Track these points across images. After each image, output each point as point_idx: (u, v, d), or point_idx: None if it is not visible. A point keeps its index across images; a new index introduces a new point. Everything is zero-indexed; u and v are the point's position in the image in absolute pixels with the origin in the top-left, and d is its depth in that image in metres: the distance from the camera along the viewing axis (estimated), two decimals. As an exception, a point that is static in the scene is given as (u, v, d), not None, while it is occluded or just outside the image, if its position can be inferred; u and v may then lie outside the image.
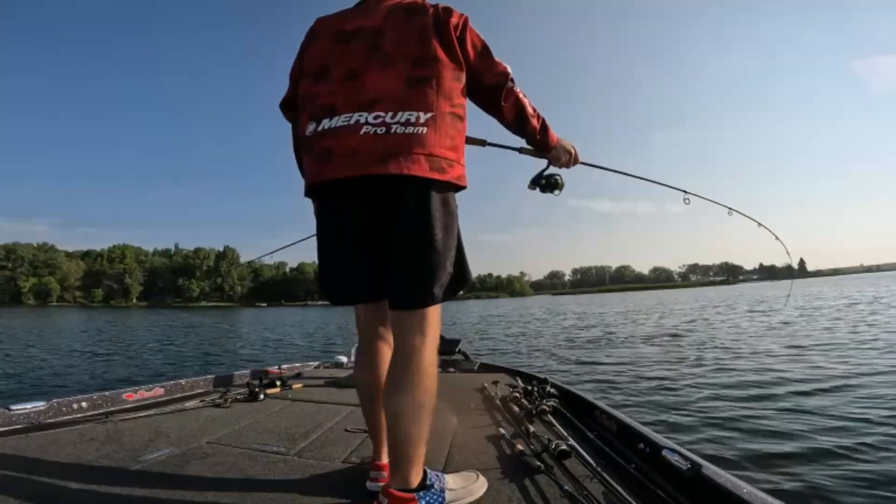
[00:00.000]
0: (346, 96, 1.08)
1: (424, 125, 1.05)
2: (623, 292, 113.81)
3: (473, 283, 19.90)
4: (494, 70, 1.18)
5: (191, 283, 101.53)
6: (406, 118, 1.05)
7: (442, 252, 1.07)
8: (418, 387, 1.04)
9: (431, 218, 1.05)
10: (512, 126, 1.27)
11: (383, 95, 1.07)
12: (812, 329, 9.53)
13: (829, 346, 7.00)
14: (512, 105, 1.21)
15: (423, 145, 1.04)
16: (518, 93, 1.21)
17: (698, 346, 8.10)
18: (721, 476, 1.10)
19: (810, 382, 4.71)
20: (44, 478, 1.29)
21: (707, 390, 4.67)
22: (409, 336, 1.07)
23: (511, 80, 1.20)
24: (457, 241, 1.14)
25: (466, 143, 1.28)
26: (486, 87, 1.20)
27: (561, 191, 1.42)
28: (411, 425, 1.04)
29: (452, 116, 1.10)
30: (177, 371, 7.46)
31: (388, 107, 1.05)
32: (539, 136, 1.30)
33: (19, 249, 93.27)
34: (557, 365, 6.91)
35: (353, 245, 1.12)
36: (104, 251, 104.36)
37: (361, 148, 1.04)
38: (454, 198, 1.14)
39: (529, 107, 1.25)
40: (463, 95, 1.16)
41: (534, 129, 1.27)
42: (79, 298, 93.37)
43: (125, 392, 2.28)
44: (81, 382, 6.30)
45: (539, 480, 1.28)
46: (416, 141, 1.04)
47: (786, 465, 2.66)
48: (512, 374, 2.88)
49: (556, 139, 1.33)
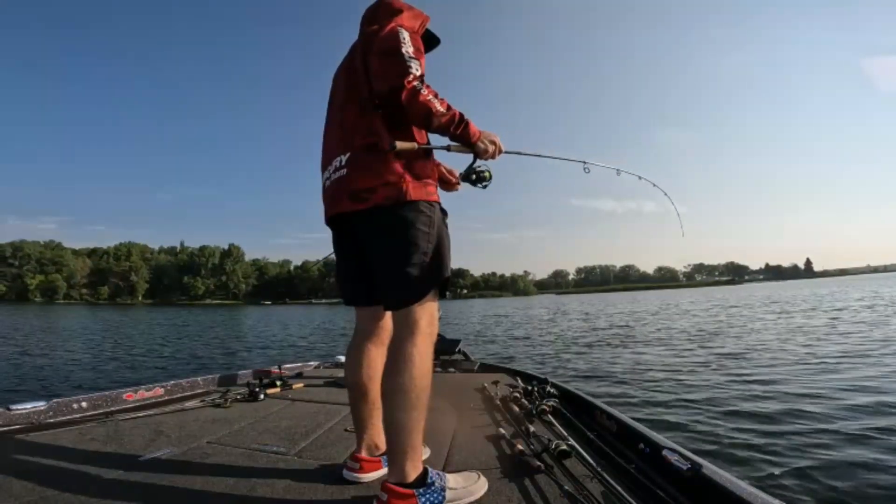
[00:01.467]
0: (325, 149, 1.35)
1: (345, 166, 1.24)
2: (627, 292, 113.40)
3: (477, 282, 19.85)
4: (391, 72, 1.16)
5: (196, 281, 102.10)
6: (336, 164, 1.27)
7: (399, 263, 1.18)
8: (403, 373, 1.12)
9: (381, 237, 1.22)
10: (423, 126, 1.25)
11: (332, 147, 1.32)
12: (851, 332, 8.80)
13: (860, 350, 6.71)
14: (417, 108, 1.16)
15: (347, 185, 1.23)
16: (423, 93, 1.15)
17: (733, 352, 7.20)
18: (721, 476, 1.10)
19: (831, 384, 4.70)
20: (44, 478, 1.29)
21: (723, 391, 4.66)
22: (399, 329, 1.19)
23: (414, 79, 1.15)
24: (430, 245, 1.21)
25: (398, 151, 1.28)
26: (385, 93, 1.18)
27: (489, 182, 1.46)
28: (397, 410, 1.11)
29: (365, 148, 1.22)
30: (178, 370, 7.47)
31: (333, 156, 1.30)
32: (457, 132, 1.25)
33: (26, 247, 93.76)
34: (584, 384, 5.53)
35: (350, 264, 1.37)
36: (110, 249, 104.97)
37: (325, 196, 1.33)
38: (409, 211, 1.19)
39: (438, 105, 1.19)
40: (376, 120, 1.22)
41: (447, 125, 1.22)
42: (85, 296, 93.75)
43: (125, 392, 2.28)
44: (81, 382, 6.30)
45: (539, 480, 1.29)
46: (342, 183, 1.24)
47: (786, 466, 2.66)
48: (512, 374, 2.88)
49: (477, 133, 1.29)
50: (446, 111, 1.22)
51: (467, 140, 1.31)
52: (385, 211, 1.19)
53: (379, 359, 1.33)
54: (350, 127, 1.26)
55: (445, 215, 1.31)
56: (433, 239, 1.22)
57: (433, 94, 1.19)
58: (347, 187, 1.22)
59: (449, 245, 1.28)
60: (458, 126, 1.26)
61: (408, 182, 1.20)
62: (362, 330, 1.38)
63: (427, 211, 1.22)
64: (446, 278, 1.23)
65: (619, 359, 7.24)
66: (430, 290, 1.20)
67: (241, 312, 40.58)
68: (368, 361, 1.34)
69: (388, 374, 1.15)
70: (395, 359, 1.15)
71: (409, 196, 1.19)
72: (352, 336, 1.41)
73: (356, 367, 1.35)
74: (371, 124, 1.22)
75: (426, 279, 1.19)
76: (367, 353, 1.35)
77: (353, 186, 1.22)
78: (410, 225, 1.19)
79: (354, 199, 1.21)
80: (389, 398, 1.12)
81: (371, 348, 1.36)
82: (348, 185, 1.22)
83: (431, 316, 1.20)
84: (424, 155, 1.27)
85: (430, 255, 1.20)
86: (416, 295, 1.18)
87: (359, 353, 1.36)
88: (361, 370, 1.34)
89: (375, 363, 1.33)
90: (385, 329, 1.37)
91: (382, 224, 1.20)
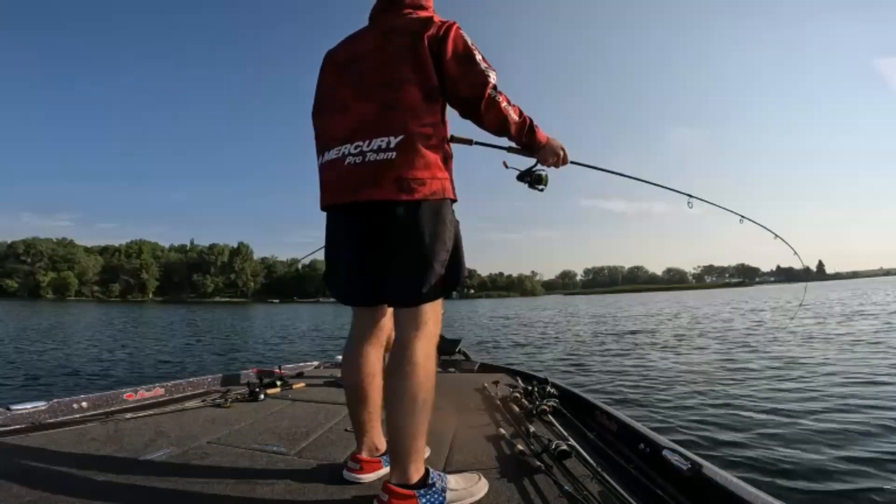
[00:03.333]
0: (339, 129, 1.20)
1: (395, 149, 1.12)
2: (636, 293, 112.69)
3: (484, 282, 19.78)
4: (473, 80, 1.17)
5: (205, 279, 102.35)
6: (378, 145, 1.13)
7: (429, 260, 1.14)
8: (411, 377, 1.09)
9: (415, 232, 1.14)
10: (495, 132, 1.28)
11: (361, 126, 1.16)
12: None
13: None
14: (494, 115, 1.20)
15: (393, 170, 1.12)
16: (500, 102, 1.19)
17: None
18: (721, 476, 1.10)
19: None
20: (44, 478, 1.29)
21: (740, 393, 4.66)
22: (406, 330, 1.15)
23: (492, 87, 1.18)
24: (452, 245, 1.20)
25: (453, 142, 1.33)
26: (464, 98, 1.20)
27: (546, 186, 1.45)
28: (404, 416, 1.08)
29: (423, 136, 1.15)
30: (181, 370, 7.46)
31: (365, 135, 1.15)
32: (525, 140, 1.30)
33: (39, 244, 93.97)
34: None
35: (350, 257, 1.25)
36: (122, 247, 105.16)
37: (344, 178, 1.17)
38: (441, 209, 1.18)
39: (513, 113, 1.23)
40: (437, 112, 1.20)
41: (517, 133, 1.27)
42: (96, 293, 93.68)
43: (125, 392, 2.28)
44: (82, 382, 6.31)
45: (539, 480, 1.28)
46: (387, 167, 1.12)
47: (786, 466, 2.66)
48: (512, 375, 2.89)
49: (545, 140, 1.33)
50: (519, 118, 1.24)
51: (533, 148, 1.32)
52: (430, 206, 1.15)
53: (377, 360, 1.32)
54: (407, 108, 1.14)
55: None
56: (459, 241, 1.23)
57: (507, 101, 1.21)
58: (395, 173, 1.12)
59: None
60: (527, 133, 1.27)
61: (450, 181, 1.21)
62: (361, 331, 1.34)
63: (451, 211, 1.23)
64: (463, 280, 1.23)
65: (657, 366, 6.43)
66: (449, 290, 1.19)
67: (249, 311, 40.46)
68: (367, 363, 1.30)
69: (394, 377, 1.11)
70: (402, 362, 1.11)
71: (450, 194, 1.20)
72: (348, 337, 1.36)
73: (355, 370, 1.31)
74: (435, 113, 1.19)
75: (448, 279, 1.18)
76: (365, 355, 1.31)
77: (402, 173, 1.12)
78: (447, 224, 1.19)
79: (401, 188, 1.12)
80: (395, 403, 1.09)
81: (370, 350, 1.32)
82: (397, 171, 1.12)
83: (438, 316, 1.19)
84: (450, 155, 1.26)
85: (454, 255, 1.20)
86: (435, 294, 1.16)
87: (357, 356, 1.32)
88: (361, 373, 1.30)
89: (374, 365, 1.30)
90: (383, 329, 1.35)
91: (424, 218, 1.14)
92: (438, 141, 1.19)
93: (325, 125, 1.27)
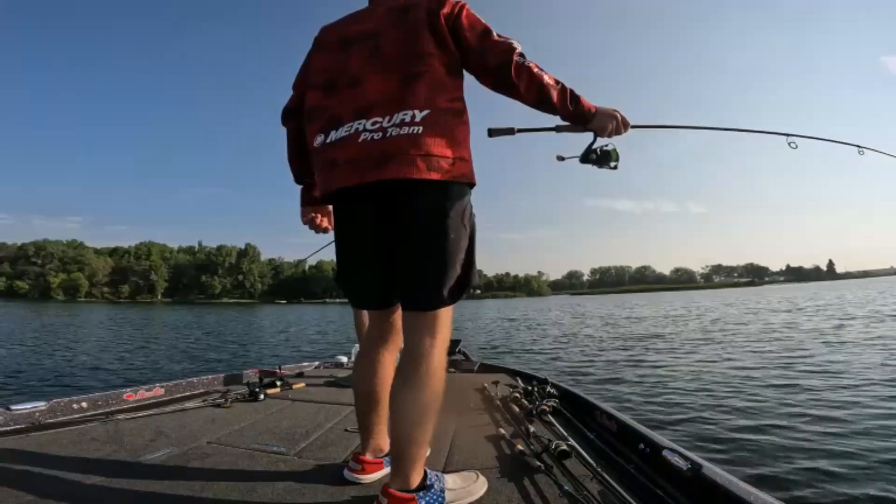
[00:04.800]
0: (349, 105, 1.09)
1: (420, 124, 1.03)
2: (643, 293, 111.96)
3: (490, 282, 19.30)
4: (498, 49, 1.10)
5: (213, 280, 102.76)
6: (401, 119, 1.03)
7: (452, 253, 1.06)
8: (425, 389, 1.05)
9: (440, 219, 1.04)
10: (535, 102, 1.14)
11: (380, 99, 1.06)
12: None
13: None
14: (527, 80, 1.09)
15: (419, 146, 1.02)
16: (531, 66, 1.10)
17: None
18: (721, 476, 1.09)
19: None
20: (44, 478, 1.29)
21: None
22: (420, 337, 1.07)
23: (519, 54, 1.10)
24: (469, 240, 1.11)
25: (494, 135, 1.24)
26: (492, 68, 1.11)
27: (618, 161, 1.24)
28: (415, 426, 1.05)
29: (451, 112, 1.07)
30: (185, 370, 7.45)
31: (385, 110, 1.05)
32: (571, 108, 1.14)
33: (49, 246, 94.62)
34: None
35: (366, 250, 1.14)
36: (131, 248, 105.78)
37: (361, 155, 1.05)
38: (465, 195, 1.10)
39: (548, 78, 1.12)
40: (460, 88, 1.13)
41: (560, 100, 1.12)
42: (106, 294, 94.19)
43: (125, 392, 2.28)
44: (82, 382, 6.30)
45: (539, 480, 1.28)
46: (412, 142, 1.02)
47: (786, 466, 2.66)
48: (512, 375, 2.88)
49: (594, 107, 1.18)
50: (556, 83, 1.12)
51: (583, 116, 1.16)
52: (458, 189, 1.07)
53: (391, 364, 1.26)
54: (433, 81, 1.06)
55: None
56: (475, 235, 1.13)
57: (538, 67, 1.10)
58: (422, 149, 1.02)
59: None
60: (571, 100, 1.13)
61: (471, 161, 1.12)
62: (373, 335, 1.27)
63: (470, 203, 1.13)
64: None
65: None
66: (462, 293, 1.09)
67: (256, 311, 40.15)
68: (381, 369, 1.25)
69: (405, 387, 1.06)
70: (414, 371, 1.05)
71: (473, 178, 1.11)
72: (359, 341, 1.33)
73: (368, 376, 1.25)
74: (458, 89, 1.12)
75: (464, 280, 1.09)
76: (379, 361, 1.25)
77: (429, 150, 1.02)
78: (466, 214, 1.10)
79: (430, 166, 1.02)
80: (405, 412, 1.05)
81: (384, 354, 1.26)
82: (425, 147, 1.02)
83: (450, 321, 1.12)
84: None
85: (470, 254, 1.11)
86: (454, 296, 1.07)
87: (370, 361, 1.26)
88: (374, 378, 1.24)
89: (387, 370, 1.25)
90: (396, 330, 1.26)
91: (451, 203, 1.05)
92: (463, 120, 1.10)
93: (326, 103, 1.14)
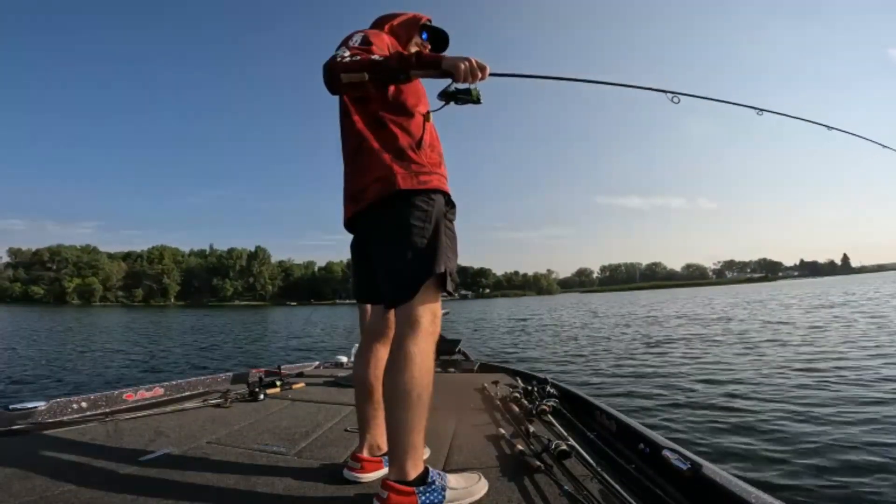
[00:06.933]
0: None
1: (349, 169, 1.30)
2: (655, 290, 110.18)
3: (499, 281, 19.00)
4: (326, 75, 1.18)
5: (225, 283, 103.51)
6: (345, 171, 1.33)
7: (394, 259, 1.19)
8: (404, 371, 1.12)
9: (379, 236, 1.23)
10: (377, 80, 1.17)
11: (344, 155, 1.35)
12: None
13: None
14: (352, 74, 1.14)
15: (346, 188, 1.31)
16: (340, 61, 1.14)
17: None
18: (721, 476, 1.10)
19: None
20: (44, 478, 1.29)
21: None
22: (399, 328, 1.19)
23: (332, 60, 1.15)
24: (425, 239, 1.18)
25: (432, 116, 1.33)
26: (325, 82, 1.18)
27: (479, 101, 1.27)
28: (398, 409, 1.11)
29: (355, 149, 1.27)
30: (188, 370, 7.45)
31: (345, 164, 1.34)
32: (402, 65, 1.15)
33: (63, 251, 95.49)
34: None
35: (362, 267, 1.38)
36: (144, 252, 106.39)
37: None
38: (408, 206, 1.18)
39: (347, 54, 1.17)
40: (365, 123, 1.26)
41: (386, 63, 1.15)
42: (120, 298, 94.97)
43: (125, 392, 2.29)
44: (81, 382, 6.30)
45: (539, 480, 1.28)
46: (345, 187, 1.31)
47: (786, 466, 2.66)
48: (512, 374, 2.88)
49: (441, 56, 1.21)
50: (378, 57, 1.16)
51: (433, 66, 1.18)
52: (377, 209, 1.22)
53: (385, 358, 1.31)
54: (344, 134, 1.33)
55: (452, 207, 1.28)
56: (427, 233, 1.19)
57: (357, 51, 1.17)
58: (348, 190, 1.30)
59: (450, 239, 1.24)
60: (398, 60, 1.15)
61: (396, 173, 1.19)
62: (371, 329, 1.41)
63: (423, 204, 1.19)
64: (441, 273, 1.17)
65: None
66: (419, 286, 1.15)
67: (267, 313, 40.03)
68: (376, 361, 1.35)
69: (389, 372, 1.15)
70: (395, 357, 1.15)
71: (399, 185, 1.18)
72: (361, 338, 1.43)
73: (364, 367, 1.36)
74: (352, 127, 1.29)
75: (415, 276, 1.16)
76: (375, 353, 1.37)
77: (350, 189, 1.29)
78: (401, 220, 1.18)
79: (354, 201, 1.27)
80: (391, 396, 1.13)
81: (379, 348, 1.37)
82: (348, 188, 1.30)
83: (434, 314, 1.19)
84: (416, 144, 1.24)
85: (422, 250, 1.17)
86: (406, 293, 1.16)
87: (367, 353, 1.38)
88: (369, 369, 1.35)
89: (382, 363, 1.30)
90: (392, 328, 1.34)
91: (375, 222, 1.23)
92: (369, 146, 1.24)
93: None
